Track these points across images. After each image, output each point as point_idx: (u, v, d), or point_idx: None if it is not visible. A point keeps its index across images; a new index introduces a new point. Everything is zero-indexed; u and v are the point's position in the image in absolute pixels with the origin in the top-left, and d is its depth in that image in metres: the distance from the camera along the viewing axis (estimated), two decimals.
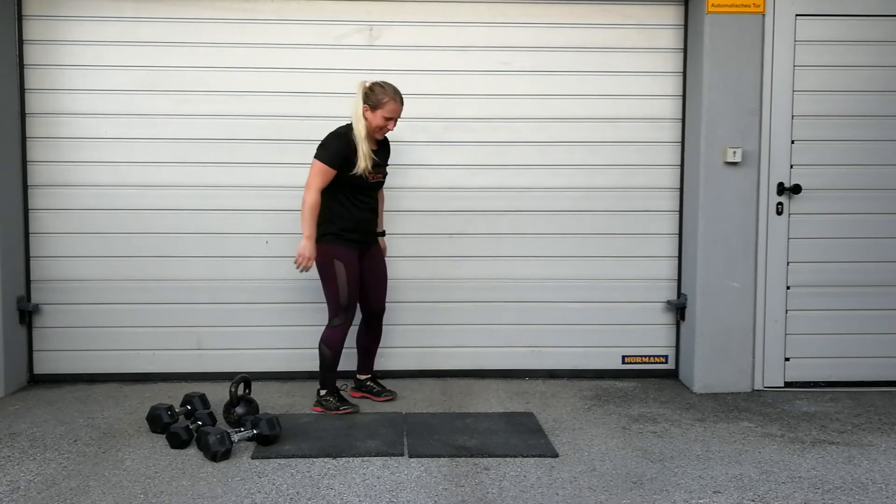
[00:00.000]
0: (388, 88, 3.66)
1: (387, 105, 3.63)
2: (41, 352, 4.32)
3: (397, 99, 3.67)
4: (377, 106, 3.63)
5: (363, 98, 3.64)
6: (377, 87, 3.65)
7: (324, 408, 3.81)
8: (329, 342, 3.76)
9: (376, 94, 3.63)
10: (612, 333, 4.48)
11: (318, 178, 3.62)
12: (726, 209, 4.16)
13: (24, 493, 2.87)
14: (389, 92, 3.65)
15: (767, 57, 4.15)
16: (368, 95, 3.64)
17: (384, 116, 3.65)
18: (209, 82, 4.26)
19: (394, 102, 3.65)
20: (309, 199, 3.62)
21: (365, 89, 3.66)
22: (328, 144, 3.66)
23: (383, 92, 3.64)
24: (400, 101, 3.68)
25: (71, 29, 4.21)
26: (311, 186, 3.62)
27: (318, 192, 3.63)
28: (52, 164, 4.25)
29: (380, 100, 3.62)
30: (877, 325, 4.31)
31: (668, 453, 3.31)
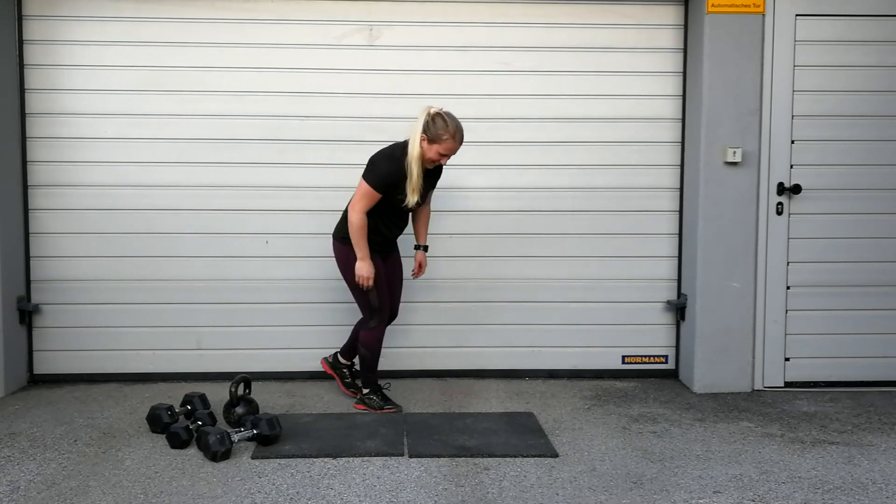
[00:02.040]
0: (451, 124, 3.46)
1: (445, 142, 3.46)
2: (41, 352, 4.32)
3: (457, 138, 3.48)
4: (435, 140, 3.46)
5: (423, 126, 3.47)
6: (440, 120, 3.45)
7: (367, 406, 3.83)
8: (367, 344, 3.77)
9: (437, 128, 3.45)
10: (612, 333, 4.48)
11: (363, 201, 3.51)
12: (726, 209, 4.16)
13: (24, 493, 2.87)
14: (451, 129, 3.45)
15: (767, 57, 4.15)
16: (429, 125, 3.45)
17: (439, 152, 3.48)
18: (209, 82, 4.27)
19: (452, 141, 3.47)
20: (356, 219, 3.52)
21: (427, 117, 3.47)
22: (378, 167, 3.51)
23: (445, 128, 3.44)
24: (460, 140, 3.49)
25: (71, 29, 4.21)
26: (356, 208, 3.52)
27: (363, 213, 3.52)
28: (52, 164, 4.25)
29: (439, 135, 3.45)
30: (877, 325, 4.31)
31: (668, 453, 3.31)
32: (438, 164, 3.57)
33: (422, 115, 3.49)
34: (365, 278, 3.58)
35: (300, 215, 4.34)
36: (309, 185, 4.33)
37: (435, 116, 3.46)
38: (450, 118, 3.48)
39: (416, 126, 3.49)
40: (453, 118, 3.49)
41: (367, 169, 3.54)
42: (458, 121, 3.51)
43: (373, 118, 4.32)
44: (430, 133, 3.46)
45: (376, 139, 4.32)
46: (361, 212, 3.53)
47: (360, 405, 3.87)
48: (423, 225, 3.94)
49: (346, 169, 4.32)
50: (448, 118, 3.47)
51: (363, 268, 3.58)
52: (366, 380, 3.85)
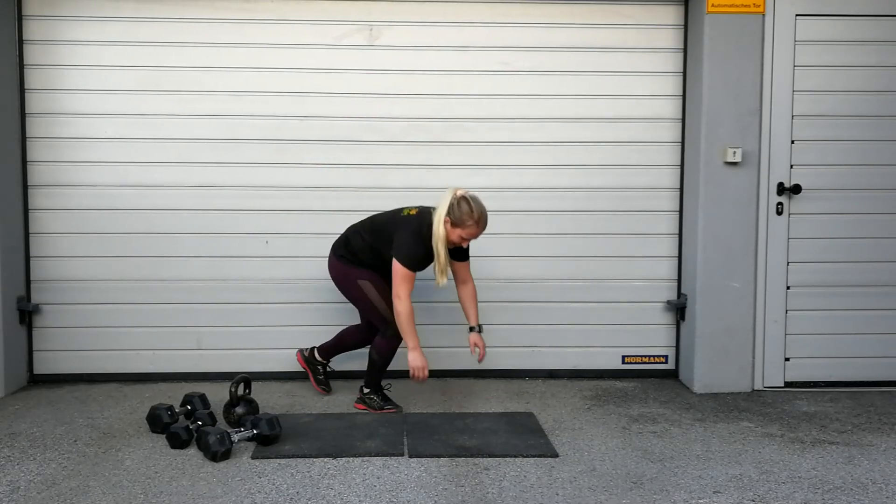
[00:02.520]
0: (476, 211, 3.45)
1: (468, 228, 3.47)
2: (41, 352, 4.32)
3: (481, 224, 3.48)
4: (458, 224, 3.46)
5: (448, 209, 3.46)
6: (465, 204, 3.45)
7: (367, 405, 3.84)
8: (381, 352, 3.78)
9: (461, 213, 3.44)
10: (612, 333, 4.48)
11: (405, 286, 3.50)
12: (726, 209, 4.16)
13: (24, 493, 2.87)
14: (475, 216, 3.45)
15: (767, 57, 4.15)
16: (453, 209, 3.45)
17: (461, 236, 3.49)
18: (209, 82, 4.27)
19: (476, 227, 3.47)
20: (402, 308, 3.49)
21: (453, 199, 3.46)
22: (408, 248, 3.50)
23: (469, 214, 3.44)
24: (483, 227, 3.50)
25: (71, 29, 4.21)
26: (400, 296, 3.49)
27: (408, 298, 3.50)
28: (52, 164, 4.25)
29: (463, 220, 3.45)
30: (877, 325, 4.31)
31: (668, 453, 3.31)
32: (457, 246, 3.57)
33: (447, 196, 3.48)
34: (420, 369, 3.51)
35: (300, 215, 4.34)
36: (308, 184, 4.33)
37: (460, 200, 3.45)
38: (475, 203, 3.47)
39: (441, 206, 3.48)
40: (478, 202, 3.49)
41: (398, 249, 3.51)
42: (482, 205, 3.50)
43: (372, 118, 4.32)
44: (453, 216, 3.45)
45: (376, 139, 4.33)
46: (407, 298, 3.50)
47: (360, 405, 3.88)
48: (471, 303, 3.80)
49: (346, 169, 4.33)
50: (473, 203, 3.46)
51: (416, 359, 3.51)
52: (369, 380, 3.86)
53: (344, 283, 3.78)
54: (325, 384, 4.10)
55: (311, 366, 4.12)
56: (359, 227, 3.80)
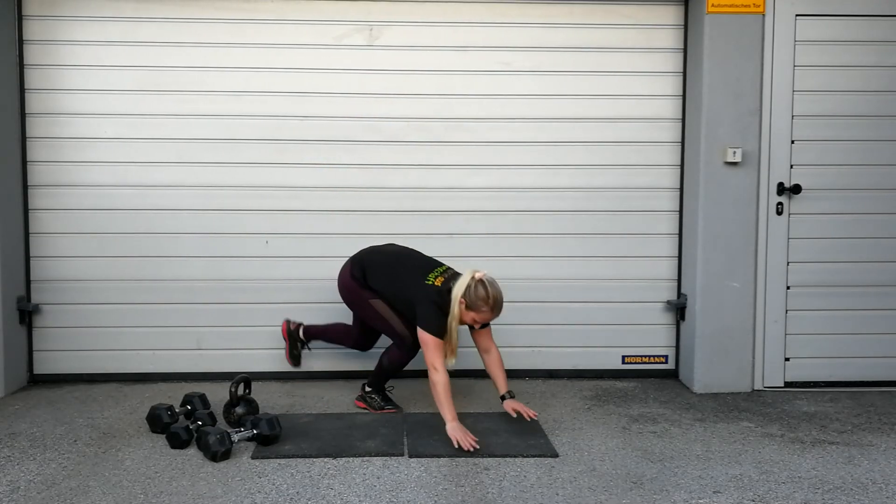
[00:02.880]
0: (491, 296, 3.37)
1: (482, 313, 3.40)
2: (41, 352, 4.32)
3: (495, 311, 3.41)
4: (472, 307, 3.39)
5: (464, 290, 3.39)
6: (481, 289, 3.37)
7: (367, 404, 3.85)
8: (392, 358, 3.78)
9: (476, 297, 3.37)
10: (612, 333, 4.48)
11: (437, 355, 3.40)
12: (726, 209, 4.16)
13: (24, 493, 2.87)
14: (490, 302, 3.37)
15: (767, 57, 4.15)
16: (469, 291, 3.38)
17: (474, 318, 3.43)
18: (209, 82, 4.27)
19: (489, 313, 3.41)
20: (439, 379, 3.37)
21: (471, 281, 3.39)
22: (431, 318, 3.44)
23: (484, 300, 3.36)
24: (497, 312, 3.43)
25: (71, 29, 4.21)
26: (434, 366, 3.39)
27: (443, 367, 3.39)
28: (52, 164, 4.25)
29: (477, 305, 3.37)
30: (877, 325, 4.31)
31: (668, 453, 3.31)
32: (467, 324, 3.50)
33: (465, 277, 3.42)
34: (459, 439, 3.29)
35: (300, 215, 4.34)
36: (308, 184, 4.33)
37: (477, 283, 3.38)
38: (491, 287, 3.39)
39: (458, 287, 3.41)
40: (495, 287, 3.41)
41: (423, 320, 3.45)
42: (499, 290, 3.42)
43: (372, 118, 4.32)
44: (468, 299, 3.38)
45: (376, 139, 4.33)
46: (443, 368, 3.39)
47: (360, 402, 3.89)
48: (499, 370, 3.67)
49: (346, 169, 4.33)
50: (489, 287, 3.38)
51: (456, 430, 3.35)
52: (373, 382, 3.86)
53: (357, 301, 3.75)
54: (296, 359, 4.21)
55: (291, 339, 4.18)
56: (380, 263, 3.71)
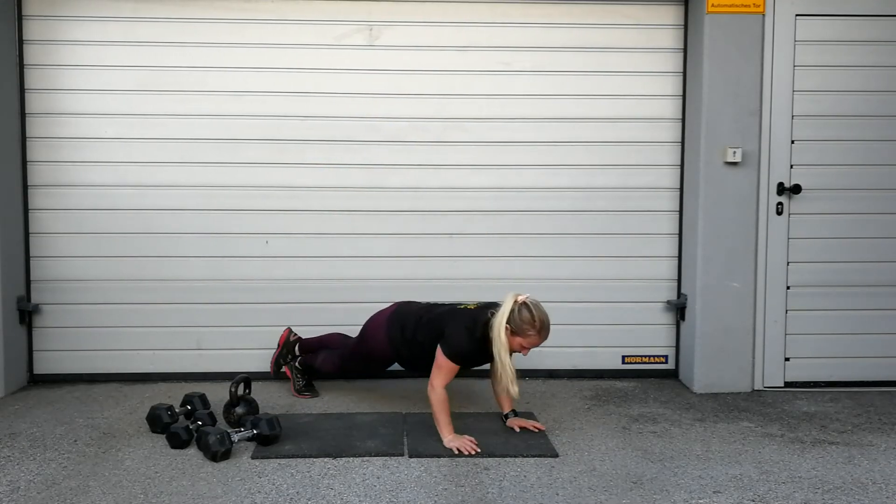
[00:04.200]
0: (538, 319, 3.23)
1: (529, 337, 3.26)
2: (41, 352, 4.32)
3: (543, 333, 3.26)
4: (518, 332, 3.25)
5: (508, 316, 3.25)
6: (526, 313, 3.23)
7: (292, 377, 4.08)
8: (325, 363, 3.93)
9: (522, 321, 3.23)
10: (612, 333, 4.48)
11: (442, 377, 3.32)
12: (726, 209, 4.16)
13: (24, 493, 2.87)
14: (537, 325, 3.23)
15: (767, 57, 4.15)
16: (514, 316, 3.23)
17: (521, 344, 3.28)
18: (209, 82, 4.27)
19: (537, 336, 3.26)
20: (435, 397, 3.33)
21: (514, 305, 3.25)
22: (458, 342, 3.31)
23: (531, 323, 3.22)
24: (545, 336, 3.28)
25: (71, 29, 4.21)
26: (433, 386, 3.33)
27: (443, 389, 3.33)
28: (52, 164, 4.25)
29: (524, 329, 3.24)
30: (877, 325, 4.31)
31: (668, 453, 3.31)
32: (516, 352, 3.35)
33: (508, 302, 3.27)
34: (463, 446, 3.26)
35: (300, 215, 4.34)
36: (309, 184, 4.33)
37: (521, 307, 3.24)
38: (536, 310, 3.25)
39: (501, 313, 3.26)
40: (540, 309, 3.26)
41: (445, 340, 3.33)
42: (544, 312, 3.27)
43: (372, 118, 4.32)
44: (513, 324, 3.24)
45: (376, 139, 4.33)
46: (441, 387, 3.32)
47: (288, 370, 4.06)
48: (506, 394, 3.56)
49: (346, 169, 4.33)
50: (535, 310, 3.24)
51: (453, 441, 3.29)
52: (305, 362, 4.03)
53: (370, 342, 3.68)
54: (278, 367, 4.15)
55: (286, 348, 4.15)
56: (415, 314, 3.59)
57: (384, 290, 4.33)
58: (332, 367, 3.93)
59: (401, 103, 4.32)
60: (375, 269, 4.36)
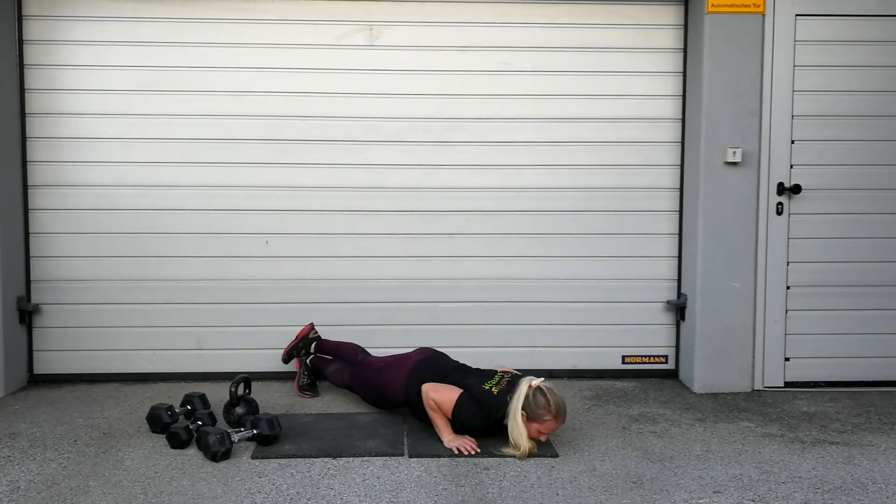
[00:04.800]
0: (553, 404, 3.17)
1: (546, 423, 3.20)
2: (41, 352, 4.32)
3: (559, 418, 3.21)
4: (535, 418, 3.19)
5: (523, 401, 3.19)
6: (540, 398, 3.18)
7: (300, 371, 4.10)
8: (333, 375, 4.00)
9: (537, 406, 3.18)
10: (612, 333, 4.48)
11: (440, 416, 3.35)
12: (726, 209, 4.16)
13: (24, 493, 2.87)
14: (553, 410, 3.18)
15: (767, 57, 4.15)
16: (529, 403, 3.19)
17: (539, 430, 3.21)
18: (209, 82, 4.27)
19: (554, 422, 3.20)
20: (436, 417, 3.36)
21: (529, 391, 3.20)
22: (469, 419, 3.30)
23: (546, 409, 3.17)
24: (562, 420, 3.23)
25: (71, 29, 4.21)
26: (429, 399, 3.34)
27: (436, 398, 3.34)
28: (52, 164, 4.25)
29: (540, 415, 3.18)
30: (877, 325, 4.31)
31: (668, 453, 3.31)
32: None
33: (522, 389, 3.22)
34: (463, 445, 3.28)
35: (300, 215, 4.34)
36: (309, 184, 4.33)
37: (536, 392, 3.20)
38: (551, 395, 3.20)
39: (516, 399, 3.22)
40: (554, 394, 3.21)
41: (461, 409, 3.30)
42: (560, 397, 3.23)
43: (372, 118, 4.32)
44: (530, 411, 3.19)
45: (376, 139, 4.33)
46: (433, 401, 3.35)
47: (298, 363, 4.10)
48: None
49: (346, 169, 4.33)
50: (549, 395, 3.19)
51: (453, 441, 3.31)
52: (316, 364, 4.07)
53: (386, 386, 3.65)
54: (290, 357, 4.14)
55: (302, 342, 4.15)
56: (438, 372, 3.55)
57: (384, 290, 4.34)
58: (341, 382, 3.94)
59: (401, 103, 4.32)
60: (375, 269, 4.37)
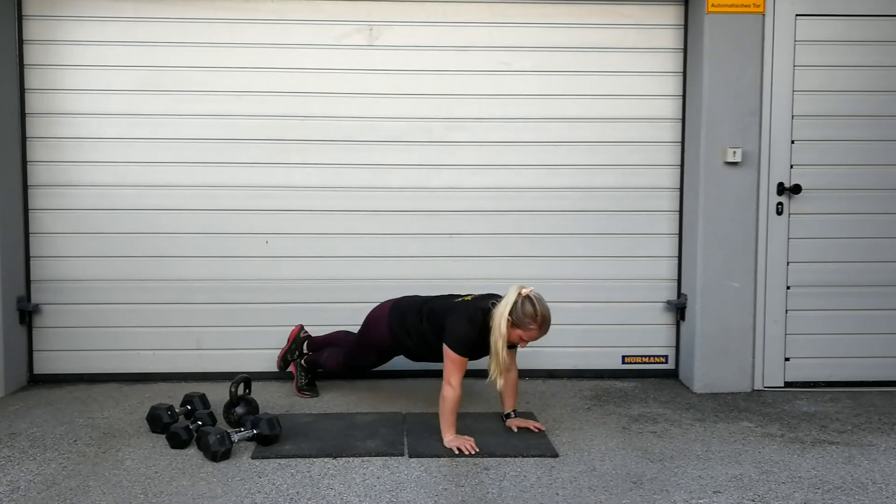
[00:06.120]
0: (540, 314, 3.22)
1: (530, 330, 3.25)
2: (41, 352, 4.32)
3: (543, 328, 3.26)
4: (519, 324, 3.24)
5: (511, 307, 3.24)
6: (529, 307, 3.22)
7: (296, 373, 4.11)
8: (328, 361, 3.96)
9: (524, 314, 3.22)
10: (612, 333, 4.48)
11: (457, 373, 3.29)
12: (726, 209, 4.16)
13: (24, 493, 2.87)
14: (539, 319, 3.22)
15: (767, 57, 4.15)
16: (516, 308, 3.23)
17: (521, 336, 3.27)
18: (209, 82, 4.27)
19: (537, 330, 3.25)
20: (450, 395, 3.29)
21: (518, 297, 3.25)
22: (461, 333, 3.31)
23: (532, 317, 3.21)
24: (545, 330, 3.28)
25: (71, 29, 4.21)
26: (451, 383, 3.28)
27: (459, 386, 3.30)
28: (52, 164, 4.25)
29: (524, 322, 3.23)
30: (877, 325, 4.31)
31: (668, 453, 3.31)
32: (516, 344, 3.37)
33: (511, 294, 3.27)
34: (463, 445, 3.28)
35: (300, 215, 4.34)
36: (309, 184, 4.33)
37: (525, 300, 3.24)
38: (539, 304, 3.24)
39: (504, 304, 3.26)
40: (542, 304, 3.25)
41: (448, 333, 3.32)
42: (546, 307, 3.26)
43: (372, 118, 4.32)
44: (515, 316, 3.23)
45: (376, 139, 4.33)
46: (458, 385, 3.30)
47: (294, 367, 4.10)
48: (511, 391, 3.59)
49: (346, 169, 4.33)
50: (538, 304, 3.23)
51: (453, 441, 3.31)
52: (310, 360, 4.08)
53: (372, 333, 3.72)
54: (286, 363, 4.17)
55: (295, 343, 4.16)
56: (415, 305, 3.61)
57: (384, 290, 4.32)
58: (336, 363, 3.95)
59: (401, 103, 4.32)
60: (375, 269, 4.37)
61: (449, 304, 3.49)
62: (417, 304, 3.63)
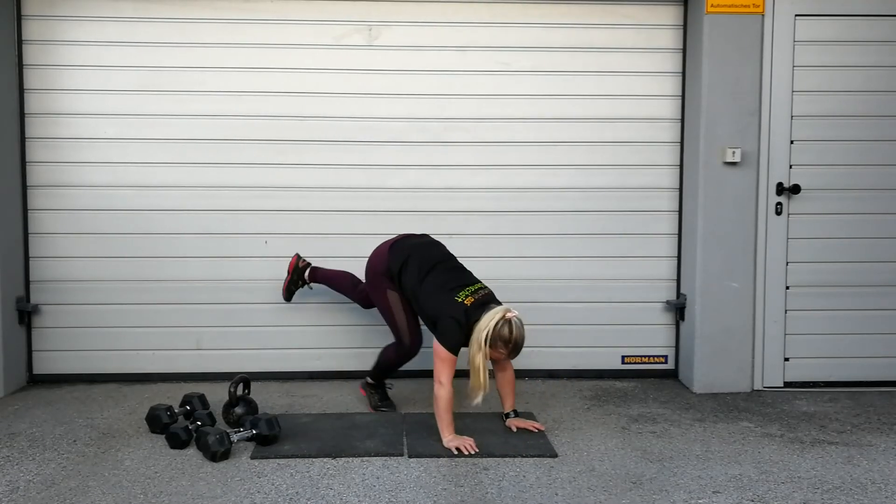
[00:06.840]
0: (513, 340, 3.27)
1: (497, 352, 3.31)
2: (41, 352, 4.32)
3: (511, 354, 3.34)
4: (491, 345, 3.28)
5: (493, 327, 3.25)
6: (505, 331, 3.25)
7: (368, 396, 3.93)
8: (388, 356, 3.82)
9: (499, 336, 3.26)
10: (611, 333, 4.48)
11: (447, 370, 3.32)
12: (726, 209, 4.16)
13: (23, 493, 2.87)
14: (511, 346, 3.28)
15: (767, 57, 4.15)
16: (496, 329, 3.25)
17: (490, 353, 3.31)
18: (209, 82, 4.27)
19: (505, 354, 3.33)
20: (443, 393, 3.31)
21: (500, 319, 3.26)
22: (449, 332, 3.33)
23: (505, 343, 3.27)
24: (513, 356, 3.37)
25: (71, 29, 4.21)
26: (441, 381, 3.31)
27: (449, 383, 3.31)
28: (51, 164, 4.25)
29: (496, 344, 3.27)
30: (877, 325, 4.31)
31: (667, 453, 3.31)
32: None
33: (496, 313, 3.28)
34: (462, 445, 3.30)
35: (300, 215, 4.34)
36: (308, 185, 4.33)
37: (505, 323, 3.26)
38: (517, 330, 3.28)
39: (486, 321, 3.28)
40: (520, 330, 3.29)
41: (442, 334, 3.35)
42: (522, 335, 3.31)
43: (372, 118, 4.32)
44: (490, 336, 3.27)
45: (376, 139, 4.33)
46: (449, 383, 3.32)
47: (363, 390, 3.97)
48: (509, 389, 3.62)
49: (346, 169, 4.33)
50: (515, 330, 3.27)
51: (453, 442, 3.32)
52: (374, 374, 3.90)
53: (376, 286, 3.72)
54: (290, 294, 4.17)
55: (295, 274, 4.14)
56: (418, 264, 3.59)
57: None
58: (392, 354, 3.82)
59: (401, 103, 4.32)
60: None
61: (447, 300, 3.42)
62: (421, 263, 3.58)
